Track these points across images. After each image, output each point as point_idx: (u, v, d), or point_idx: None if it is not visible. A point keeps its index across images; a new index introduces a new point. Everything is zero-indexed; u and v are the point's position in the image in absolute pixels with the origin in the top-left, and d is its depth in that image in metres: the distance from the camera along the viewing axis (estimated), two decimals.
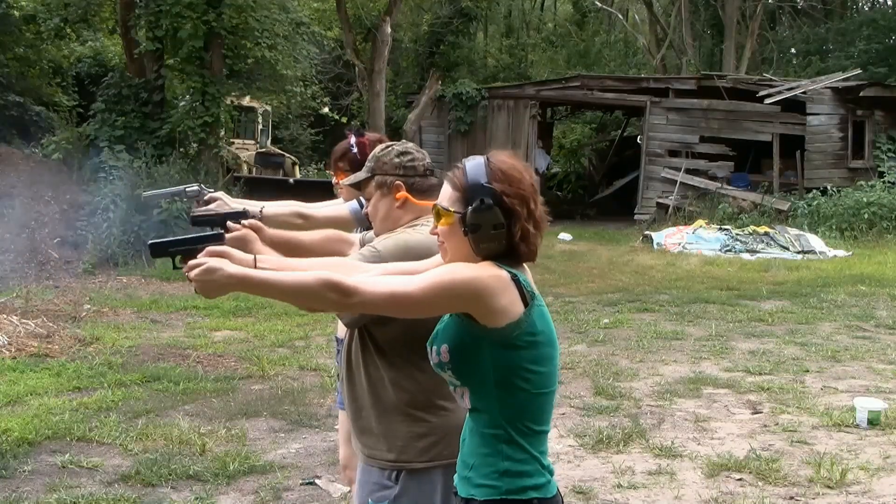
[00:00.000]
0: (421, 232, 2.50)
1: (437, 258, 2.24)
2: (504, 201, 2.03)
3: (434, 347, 2.11)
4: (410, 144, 2.76)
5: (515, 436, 2.05)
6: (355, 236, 3.04)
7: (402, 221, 2.65)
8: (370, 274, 2.25)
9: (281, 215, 3.40)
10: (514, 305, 2.03)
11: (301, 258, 2.56)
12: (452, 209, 2.08)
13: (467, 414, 2.15)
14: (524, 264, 2.13)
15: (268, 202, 3.47)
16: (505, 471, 2.04)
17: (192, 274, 2.06)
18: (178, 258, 2.33)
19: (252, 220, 2.83)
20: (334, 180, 3.49)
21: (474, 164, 2.09)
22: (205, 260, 2.08)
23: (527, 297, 2.05)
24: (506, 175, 2.06)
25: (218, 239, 2.28)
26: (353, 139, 3.36)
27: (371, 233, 2.78)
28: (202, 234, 2.39)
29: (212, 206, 3.33)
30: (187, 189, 3.52)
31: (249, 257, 2.20)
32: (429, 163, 2.70)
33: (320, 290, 2.02)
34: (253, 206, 3.40)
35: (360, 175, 2.72)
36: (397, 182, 2.64)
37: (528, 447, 2.06)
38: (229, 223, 2.80)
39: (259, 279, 2.06)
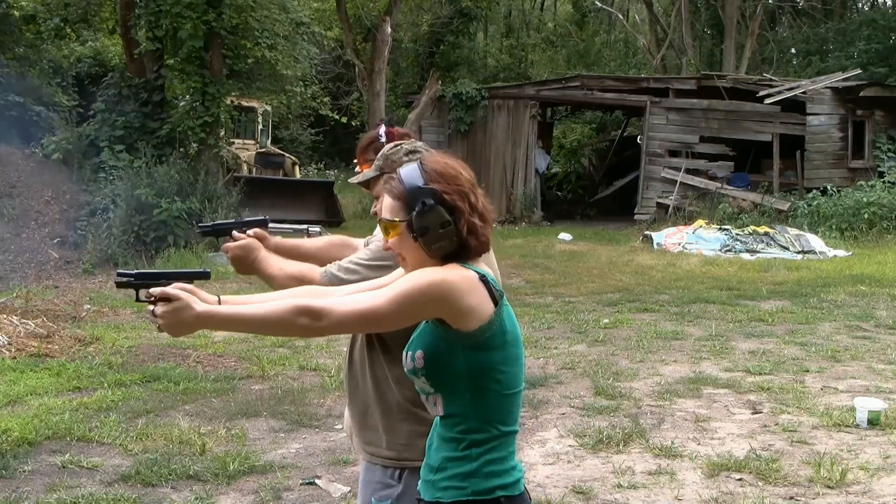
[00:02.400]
0: None
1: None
2: (445, 199, 2.04)
3: (409, 353, 2.12)
4: (420, 143, 2.76)
5: (485, 438, 2.07)
6: (360, 241, 3.02)
7: None
8: (340, 294, 2.24)
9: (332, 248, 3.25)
10: (483, 305, 2.03)
11: (282, 284, 2.54)
12: (397, 219, 2.09)
13: (436, 420, 2.16)
14: (483, 260, 2.14)
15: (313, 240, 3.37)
16: (473, 472, 2.06)
17: (159, 311, 2.01)
18: (142, 292, 2.20)
19: (257, 230, 2.83)
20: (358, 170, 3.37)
21: (409, 171, 2.10)
22: (173, 293, 2.01)
23: (496, 297, 2.06)
24: (441, 174, 2.08)
25: (188, 277, 2.18)
26: (382, 128, 3.31)
27: (378, 235, 2.75)
28: (172, 270, 2.28)
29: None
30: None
31: (213, 297, 2.14)
32: None
33: (290, 317, 2.01)
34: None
35: (370, 173, 2.73)
36: None
37: (497, 448, 2.08)
38: (234, 232, 2.80)
39: (226, 315, 2.04)
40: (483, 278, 2.05)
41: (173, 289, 2.02)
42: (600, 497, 4.59)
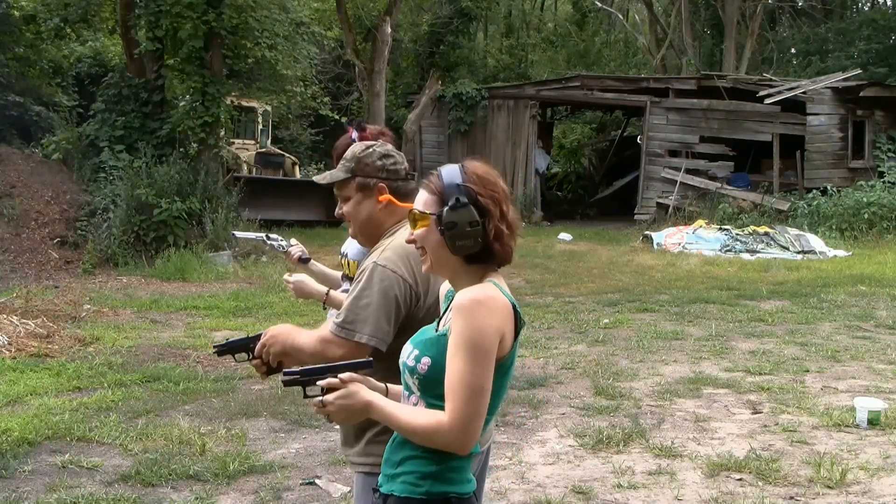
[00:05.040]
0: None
1: None
2: (479, 200, 2.09)
3: (415, 352, 2.14)
4: (389, 146, 2.78)
5: (449, 451, 2.09)
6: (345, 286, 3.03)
7: (386, 224, 2.68)
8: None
9: None
10: (509, 336, 2.08)
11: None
12: (428, 211, 2.13)
13: None
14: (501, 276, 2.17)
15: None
16: (431, 474, 2.09)
17: (329, 398, 2.07)
18: (307, 387, 2.22)
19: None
20: None
21: (450, 169, 2.16)
22: (342, 384, 2.09)
23: (518, 329, 2.10)
24: (480, 177, 2.13)
25: (352, 368, 2.19)
26: (354, 134, 3.31)
27: (371, 258, 2.66)
28: (335, 364, 2.26)
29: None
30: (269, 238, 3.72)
31: (381, 385, 2.21)
32: (407, 167, 2.74)
33: (429, 439, 2.06)
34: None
35: (339, 175, 2.72)
36: (381, 184, 2.64)
37: (458, 460, 2.10)
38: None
39: (389, 410, 2.09)
40: (514, 308, 2.09)
41: (343, 378, 2.10)
42: (600, 497, 4.59)
